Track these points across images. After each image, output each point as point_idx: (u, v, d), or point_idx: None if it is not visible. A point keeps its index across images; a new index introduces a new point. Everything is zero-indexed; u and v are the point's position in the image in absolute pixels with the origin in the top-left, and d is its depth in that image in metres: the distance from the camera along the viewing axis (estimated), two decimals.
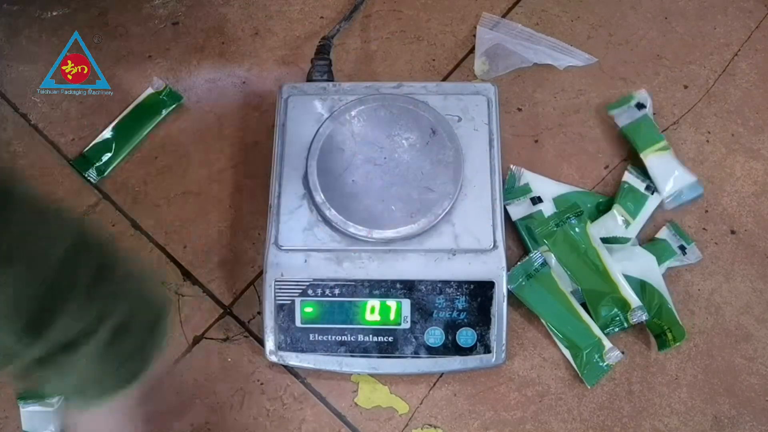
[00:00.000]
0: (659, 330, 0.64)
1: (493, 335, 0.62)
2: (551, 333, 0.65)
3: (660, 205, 0.70)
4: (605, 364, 0.63)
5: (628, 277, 0.65)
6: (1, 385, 0.65)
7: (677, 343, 0.62)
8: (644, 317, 0.63)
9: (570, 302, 0.64)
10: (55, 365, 0.41)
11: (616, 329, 0.64)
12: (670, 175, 0.69)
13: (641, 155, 0.70)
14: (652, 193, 0.69)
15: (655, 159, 0.70)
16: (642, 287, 0.65)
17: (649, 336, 0.65)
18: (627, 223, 0.68)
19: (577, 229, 0.65)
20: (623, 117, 0.72)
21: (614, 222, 0.68)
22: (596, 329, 0.63)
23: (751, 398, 0.64)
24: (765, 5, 0.79)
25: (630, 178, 0.69)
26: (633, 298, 0.63)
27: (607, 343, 0.63)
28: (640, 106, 0.71)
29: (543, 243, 0.66)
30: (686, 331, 0.64)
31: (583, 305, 0.65)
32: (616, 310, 0.64)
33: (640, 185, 0.69)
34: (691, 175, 0.70)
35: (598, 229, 0.67)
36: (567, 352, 0.64)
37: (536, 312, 0.64)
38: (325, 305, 0.62)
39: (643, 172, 0.70)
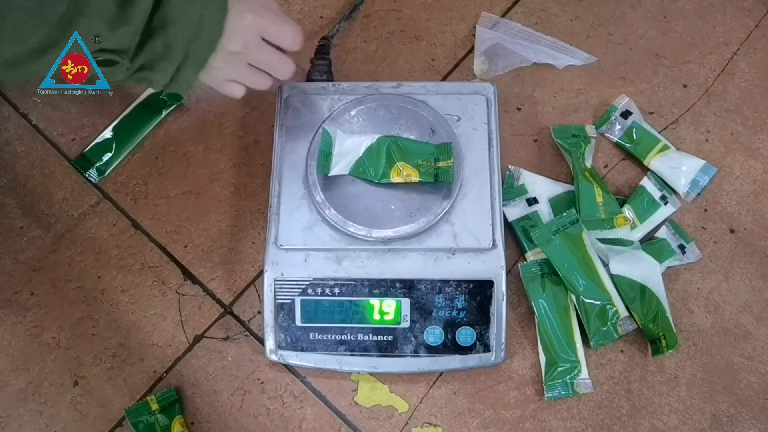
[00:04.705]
0: (654, 336, 0.64)
1: (493, 334, 0.62)
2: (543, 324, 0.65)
3: (684, 200, 0.70)
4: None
5: (629, 281, 0.65)
6: (1, 385, 0.66)
7: (670, 351, 0.62)
8: (631, 328, 0.63)
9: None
10: None
11: (608, 342, 0.64)
12: (679, 169, 0.69)
13: (645, 164, 0.70)
14: (666, 204, 0.69)
15: (659, 161, 0.70)
16: (642, 291, 0.65)
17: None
18: (633, 226, 0.68)
19: (573, 237, 0.65)
20: (613, 131, 0.72)
21: None
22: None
23: (750, 397, 0.64)
24: (764, 4, 0.79)
25: (648, 183, 0.69)
26: (622, 309, 0.64)
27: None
28: (626, 114, 0.71)
29: (539, 247, 0.66)
30: (684, 332, 0.64)
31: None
32: (608, 324, 0.64)
33: (656, 193, 0.69)
34: (698, 159, 0.70)
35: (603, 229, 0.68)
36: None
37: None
38: (325, 304, 0.62)
39: (661, 180, 0.70)
